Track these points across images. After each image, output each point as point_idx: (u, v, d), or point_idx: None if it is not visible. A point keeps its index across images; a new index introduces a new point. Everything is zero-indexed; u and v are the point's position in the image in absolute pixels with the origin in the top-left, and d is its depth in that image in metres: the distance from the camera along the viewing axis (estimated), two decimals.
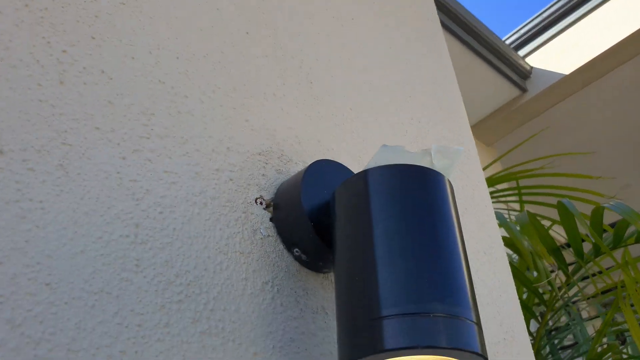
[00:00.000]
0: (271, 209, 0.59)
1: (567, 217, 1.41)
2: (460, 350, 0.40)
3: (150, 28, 0.60)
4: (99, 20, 0.55)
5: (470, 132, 1.00)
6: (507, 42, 5.01)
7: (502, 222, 1.38)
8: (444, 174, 0.50)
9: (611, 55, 4.29)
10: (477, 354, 0.41)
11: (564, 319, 1.92)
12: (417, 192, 0.48)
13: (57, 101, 0.48)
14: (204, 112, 0.59)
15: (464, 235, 0.79)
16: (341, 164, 0.62)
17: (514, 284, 0.86)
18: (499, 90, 4.61)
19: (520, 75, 4.68)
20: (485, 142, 5.04)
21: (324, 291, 0.59)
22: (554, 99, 4.63)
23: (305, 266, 0.59)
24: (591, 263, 1.52)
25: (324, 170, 0.60)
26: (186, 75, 0.60)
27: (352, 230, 0.48)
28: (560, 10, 4.70)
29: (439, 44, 1.11)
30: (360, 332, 0.42)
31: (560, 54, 4.53)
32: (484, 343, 0.43)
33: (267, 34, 0.74)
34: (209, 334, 0.47)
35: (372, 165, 0.51)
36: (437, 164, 0.50)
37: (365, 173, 0.50)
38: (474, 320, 0.43)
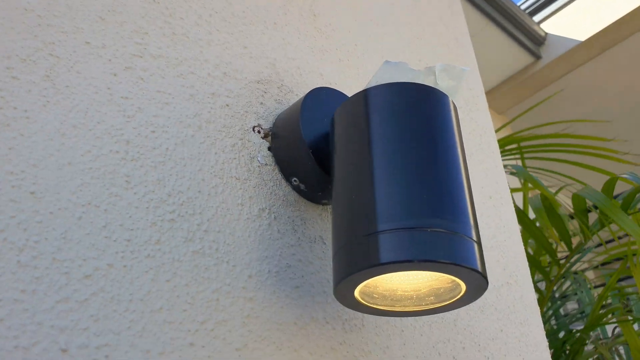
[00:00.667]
0: (269, 138, 0.57)
1: (579, 202, 1.37)
2: (458, 265, 0.38)
3: None
4: None
5: (479, 75, 0.97)
6: (522, 7, 4.86)
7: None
8: (448, 95, 0.47)
9: (628, 22, 4.15)
10: (475, 271, 0.39)
11: (567, 287, 1.90)
12: (419, 110, 0.45)
13: (44, 12, 0.46)
14: (200, 35, 0.57)
15: (470, 179, 0.77)
16: (341, 92, 0.59)
17: (519, 229, 0.84)
18: (513, 56, 4.50)
19: (534, 41, 4.56)
20: (497, 109, 4.95)
21: (322, 222, 0.57)
22: (568, 66, 4.51)
23: (303, 196, 0.57)
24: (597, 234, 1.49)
25: (324, 98, 0.57)
26: None
27: (351, 149, 0.46)
28: None
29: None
30: (356, 247, 0.40)
31: (576, 20, 4.39)
32: (484, 262, 0.41)
33: None
34: (202, 254, 0.46)
35: (374, 83, 0.48)
36: (441, 84, 0.47)
37: (365, 92, 0.47)
38: (474, 238, 0.41)
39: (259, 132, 0.57)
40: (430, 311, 0.46)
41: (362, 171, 0.43)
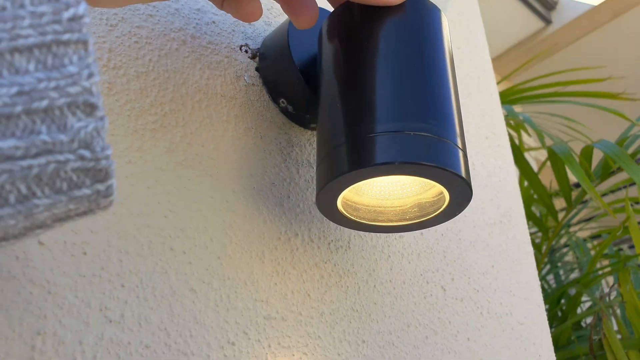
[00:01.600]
0: (257, 59, 0.56)
1: (556, 161, 1.36)
2: (441, 169, 0.38)
3: None
4: None
5: (480, 16, 0.94)
6: None
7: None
8: (438, 6, 0.46)
9: None
10: (459, 176, 0.39)
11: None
12: (407, 19, 0.44)
13: None
14: None
15: (465, 119, 0.75)
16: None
17: (515, 171, 0.84)
18: (522, 21, 4.41)
19: (545, 5, 4.45)
20: (505, 75, 4.87)
21: (310, 147, 0.57)
22: (580, 31, 4.41)
23: (291, 119, 0.56)
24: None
25: None
26: None
27: (334, 60, 0.45)
28: None
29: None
30: (337, 155, 0.40)
31: None
32: (469, 171, 0.41)
33: None
34: (185, 166, 0.46)
35: None
36: None
37: (349, 2, 0.46)
38: (459, 145, 0.40)
39: (246, 51, 0.56)
40: (414, 226, 0.46)
41: (344, 79, 0.43)
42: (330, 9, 0.65)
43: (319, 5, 0.56)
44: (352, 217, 0.45)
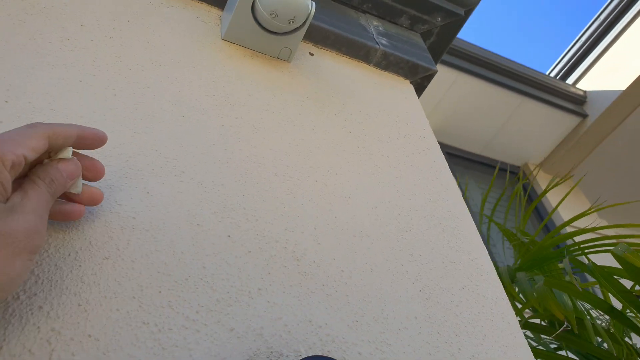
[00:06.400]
0: None
1: None
2: None
3: (133, 273, 0.64)
4: (85, 285, 0.60)
5: (501, 288, 0.94)
6: (552, 74, 4.79)
7: None
8: None
9: None
10: None
11: None
12: None
13: None
14: (188, 338, 0.61)
15: None
16: (324, 357, 0.60)
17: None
18: (557, 122, 4.36)
19: (575, 102, 4.42)
20: (561, 175, 4.72)
21: None
22: (618, 116, 4.28)
23: None
24: None
25: None
26: (169, 307, 0.63)
27: None
28: (599, 31, 4.45)
29: (437, 165, 1.08)
30: None
31: (611, 72, 4.23)
32: None
33: (249, 228, 0.76)
34: None
35: None
36: None
37: None
38: None
39: None
40: None
41: None
42: (331, 323, 0.67)
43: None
44: None
